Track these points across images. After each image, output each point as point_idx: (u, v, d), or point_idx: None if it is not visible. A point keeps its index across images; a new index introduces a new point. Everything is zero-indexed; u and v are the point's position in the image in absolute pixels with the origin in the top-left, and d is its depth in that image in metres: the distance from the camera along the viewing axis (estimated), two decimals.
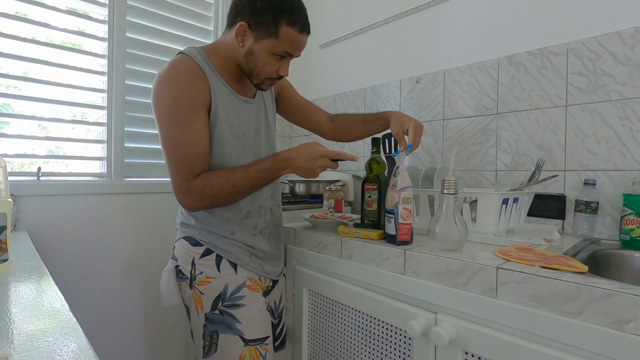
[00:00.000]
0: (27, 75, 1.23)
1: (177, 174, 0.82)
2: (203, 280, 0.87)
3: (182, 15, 1.54)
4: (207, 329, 0.86)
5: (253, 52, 0.83)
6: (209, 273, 0.88)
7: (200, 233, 0.90)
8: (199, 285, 0.87)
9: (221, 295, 0.87)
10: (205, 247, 0.89)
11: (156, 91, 0.81)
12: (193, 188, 0.81)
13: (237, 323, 0.86)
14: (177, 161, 0.81)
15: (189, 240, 0.90)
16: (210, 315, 0.86)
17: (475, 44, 1.27)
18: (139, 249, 1.44)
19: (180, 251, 0.91)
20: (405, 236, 0.85)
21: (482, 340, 0.66)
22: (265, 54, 0.83)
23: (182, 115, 0.80)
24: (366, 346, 0.89)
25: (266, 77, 0.87)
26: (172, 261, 0.93)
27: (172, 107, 0.80)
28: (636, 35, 0.95)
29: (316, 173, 0.84)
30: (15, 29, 1.20)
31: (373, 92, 1.61)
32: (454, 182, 0.78)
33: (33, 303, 0.54)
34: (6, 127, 1.21)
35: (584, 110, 1.03)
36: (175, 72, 0.81)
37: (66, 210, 1.26)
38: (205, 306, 0.87)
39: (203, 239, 0.89)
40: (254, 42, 0.83)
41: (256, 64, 0.85)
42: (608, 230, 1.00)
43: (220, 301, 0.86)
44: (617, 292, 0.53)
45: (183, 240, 0.91)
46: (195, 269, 0.88)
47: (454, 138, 1.32)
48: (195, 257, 0.88)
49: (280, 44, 0.82)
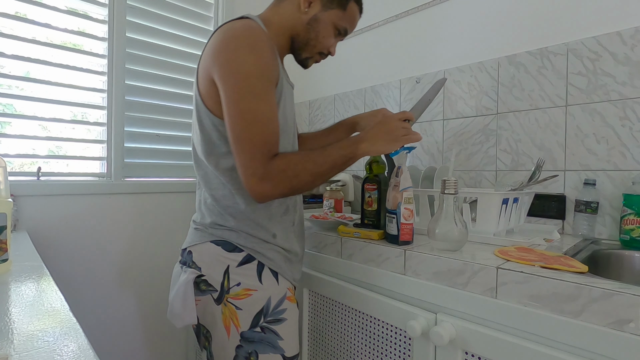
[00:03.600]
0: (29, 75, 1.23)
1: (252, 154, 0.68)
2: (241, 294, 0.74)
3: (182, 15, 1.54)
4: (243, 351, 0.73)
5: (318, 19, 0.80)
6: (249, 284, 0.74)
7: (240, 236, 0.76)
8: (234, 299, 0.73)
9: (263, 310, 0.75)
10: (246, 254, 0.75)
11: (233, 55, 0.69)
12: (273, 169, 0.68)
13: (279, 340, 0.75)
14: (255, 139, 0.68)
15: (223, 245, 0.75)
16: (248, 333, 0.73)
17: (475, 44, 1.27)
18: (139, 249, 1.44)
19: (208, 258, 0.76)
20: (407, 236, 0.85)
21: (482, 340, 0.66)
22: (329, 24, 0.81)
23: (262, 86, 0.69)
24: (366, 346, 0.89)
25: (319, 50, 0.84)
26: (192, 270, 0.76)
27: (254, 76, 0.68)
28: (636, 35, 0.95)
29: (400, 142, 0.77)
30: (16, 29, 1.20)
31: (373, 92, 1.61)
32: (454, 182, 0.78)
33: (33, 303, 0.54)
34: (7, 127, 1.21)
35: (584, 110, 1.03)
36: (255, 37, 0.70)
37: (66, 210, 1.26)
38: (243, 324, 0.73)
39: (243, 243, 0.76)
40: (321, 10, 0.80)
41: (318, 33, 0.81)
42: (608, 230, 1.00)
43: (263, 317, 0.74)
44: (617, 292, 0.53)
45: (212, 245, 0.76)
46: (230, 279, 0.74)
47: (454, 138, 1.32)
48: (231, 265, 0.74)
49: (345, 18, 0.82)
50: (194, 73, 1.61)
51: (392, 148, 0.77)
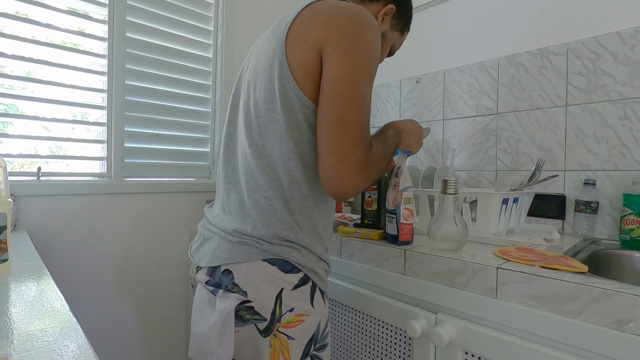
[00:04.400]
0: (30, 75, 1.23)
1: (357, 139, 0.59)
2: (293, 321, 0.62)
3: (182, 15, 1.54)
4: None
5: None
6: (302, 309, 0.63)
7: (301, 254, 0.64)
8: (286, 327, 0.62)
9: (314, 337, 0.65)
10: (303, 274, 0.64)
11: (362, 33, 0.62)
12: (371, 159, 0.61)
13: None
14: (359, 124, 0.60)
15: (280, 265, 0.62)
16: None
17: (475, 44, 1.27)
18: (139, 249, 1.44)
19: (260, 280, 0.61)
20: (407, 236, 0.85)
21: (482, 340, 0.66)
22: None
23: (373, 73, 0.64)
24: (366, 346, 0.89)
25: None
26: (236, 296, 0.60)
27: (373, 59, 0.62)
28: (636, 35, 0.95)
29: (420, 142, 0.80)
30: (16, 29, 1.20)
31: (373, 92, 1.60)
32: (454, 182, 0.78)
33: (33, 303, 0.54)
34: (8, 128, 1.21)
35: (584, 110, 1.03)
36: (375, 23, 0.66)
37: (66, 210, 1.26)
38: (294, 355, 0.62)
39: (303, 262, 0.64)
40: (390, 29, 0.83)
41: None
42: (608, 230, 1.00)
43: (313, 344, 0.65)
44: (617, 292, 0.53)
45: (266, 264, 0.62)
46: (283, 305, 0.62)
47: (454, 138, 1.32)
48: (286, 288, 0.62)
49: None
50: (195, 73, 1.59)
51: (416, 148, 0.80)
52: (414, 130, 0.79)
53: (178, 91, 1.53)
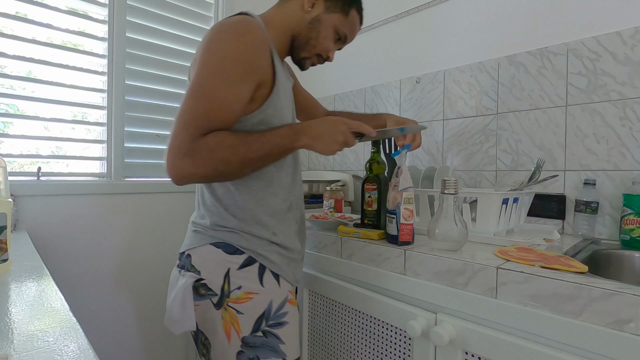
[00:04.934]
0: (30, 75, 1.23)
1: (184, 125, 0.64)
2: (242, 297, 0.72)
3: (182, 15, 1.54)
4: (244, 357, 0.71)
5: (320, 20, 0.82)
6: (251, 288, 0.73)
7: (242, 237, 0.74)
8: (235, 303, 0.72)
9: (265, 314, 0.73)
10: (247, 256, 0.74)
11: (216, 36, 0.69)
12: (201, 146, 0.64)
13: (281, 344, 0.74)
14: (196, 112, 0.65)
15: (223, 247, 0.74)
16: (249, 338, 0.72)
17: (475, 44, 1.27)
18: (139, 249, 1.44)
19: (209, 261, 0.74)
20: (407, 236, 0.85)
21: (482, 340, 0.66)
22: (330, 27, 0.83)
23: (234, 72, 0.67)
24: (366, 346, 0.89)
25: (318, 52, 0.85)
26: (190, 274, 0.73)
27: (229, 58, 0.67)
28: (636, 35, 0.95)
29: (338, 143, 0.74)
30: (16, 29, 1.20)
31: (373, 92, 1.61)
32: (454, 182, 0.78)
33: (33, 303, 0.54)
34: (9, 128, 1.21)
35: (584, 110, 1.03)
36: (247, 28, 0.70)
37: (66, 210, 1.26)
38: (244, 328, 0.71)
39: (245, 245, 0.74)
40: (324, 12, 0.82)
41: (319, 33, 0.83)
42: (608, 230, 1.00)
43: (264, 320, 0.73)
44: (617, 292, 0.53)
45: (212, 247, 0.74)
46: (231, 282, 0.72)
47: (454, 138, 1.32)
48: (232, 268, 0.73)
49: (346, 24, 0.85)
50: None
51: (327, 150, 0.74)
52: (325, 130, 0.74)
53: (178, 91, 1.53)
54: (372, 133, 0.79)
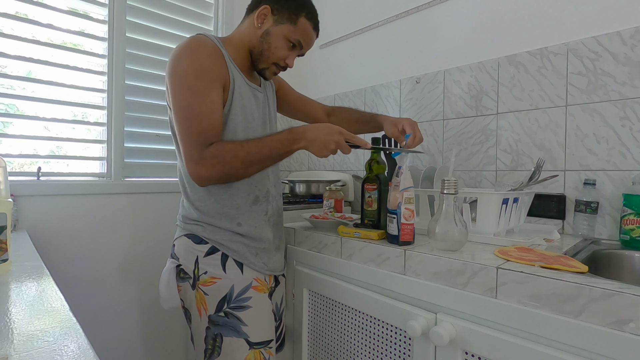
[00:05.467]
0: (29, 75, 1.23)
1: (189, 142, 0.79)
2: (207, 281, 0.84)
3: (182, 15, 1.54)
4: (210, 332, 0.84)
5: (270, 33, 0.90)
6: (214, 273, 0.85)
7: (205, 229, 0.87)
8: (202, 285, 0.85)
9: (227, 297, 0.84)
10: (210, 245, 0.86)
11: (175, 61, 0.81)
12: (206, 155, 0.79)
13: (242, 325, 0.84)
14: (191, 129, 0.79)
15: (192, 238, 0.87)
16: (214, 317, 0.84)
17: (475, 44, 1.27)
18: (139, 249, 1.44)
19: (182, 249, 0.88)
20: (408, 236, 0.85)
21: (482, 340, 0.66)
22: (280, 37, 0.90)
23: (200, 84, 0.80)
24: (366, 346, 0.89)
25: (274, 61, 0.92)
26: (172, 260, 0.89)
27: (191, 75, 0.80)
28: (636, 35, 0.95)
29: (329, 149, 0.81)
30: (16, 29, 1.20)
31: (373, 92, 1.61)
32: (454, 182, 0.78)
33: (33, 303, 0.54)
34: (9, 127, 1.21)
35: (584, 110, 1.03)
36: (197, 45, 0.82)
37: (66, 210, 1.26)
38: (209, 308, 0.84)
39: (207, 236, 0.87)
40: (273, 25, 0.90)
41: (270, 44, 0.90)
42: (608, 230, 1.00)
43: (226, 303, 0.84)
44: (617, 292, 0.53)
45: (185, 238, 0.88)
46: (199, 268, 0.85)
47: (454, 138, 1.32)
48: (199, 255, 0.86)
49: (296, 32, 0.91)
50: None
51: (319, 154, 0.82)
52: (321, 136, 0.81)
53: None
54: (367, 145, 0.85)
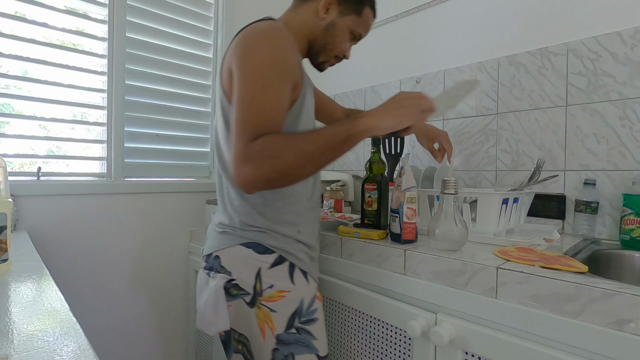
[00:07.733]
0: (27, 75, 1.23)
1: (240, 135, 0.65)
2: (274, 296, 0.73)
3: (182, 15, 1.54)
4: (279, 354, 0.73)
5: (335, 25, 0.83)
6: (282, 286, 0.74)
7: (271, 237, 0.75)
8: (267, 301, 0.73)
9: (297, 311, 0.75)
10: (277, 255, 0.75)
11: (251, 45, 0.70)
12: (253, 149, 0.64)
13: (313, 340, 0.76)
14: (246, 122, 0.66)
15: (254, 247, 0.75)
16: (284, 336, 0.73)
17: (475, 44, 1.27)
18: (139, 249, 1.44)
19: (239, 261, 0.75)
20: (410, 235, 0.85)
21: (482, 340, 0.66)
22: (345, 30, 0.85)
23: (273, 76, 0.68)
24: (366, 346, 0.89)
25: (335, 54, 0.88)
26: (222, 276, 0.74)
27: (268, 64, 0.68)
28: (636, 35, 0.95)
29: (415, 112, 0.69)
30: (15, 29, 1.20)
31: (373, 92, 1.61)
32: (454, 182, 0.78)
33: (33, 303, 0.54)
34: (6, 127, 1.21)
35: (584, 110, 1.03)
36: (277, 32, 0.72)
37: (66, 210, 1.26)
38: (278, 326, 0.73)
39: (275, 244, 0.75)
40: (338, 16, 0.83)
41: (335, 38, 0.85)
42: (608, 230, 1.00)
43: (297, 317, 0.75)
44: (617, 292, 0.53)
45: (242, 248, 0.75)
46: (262, 282, 0.73)
47: (454, 138, 1.32)
48: (263, 267, 0.74)
49: (360, 24, 0.86)
50: (195, 73, 1.60)
51: (402, 123, 0.68)
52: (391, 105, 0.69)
53: (178, 91, 1.53)
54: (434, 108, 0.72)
